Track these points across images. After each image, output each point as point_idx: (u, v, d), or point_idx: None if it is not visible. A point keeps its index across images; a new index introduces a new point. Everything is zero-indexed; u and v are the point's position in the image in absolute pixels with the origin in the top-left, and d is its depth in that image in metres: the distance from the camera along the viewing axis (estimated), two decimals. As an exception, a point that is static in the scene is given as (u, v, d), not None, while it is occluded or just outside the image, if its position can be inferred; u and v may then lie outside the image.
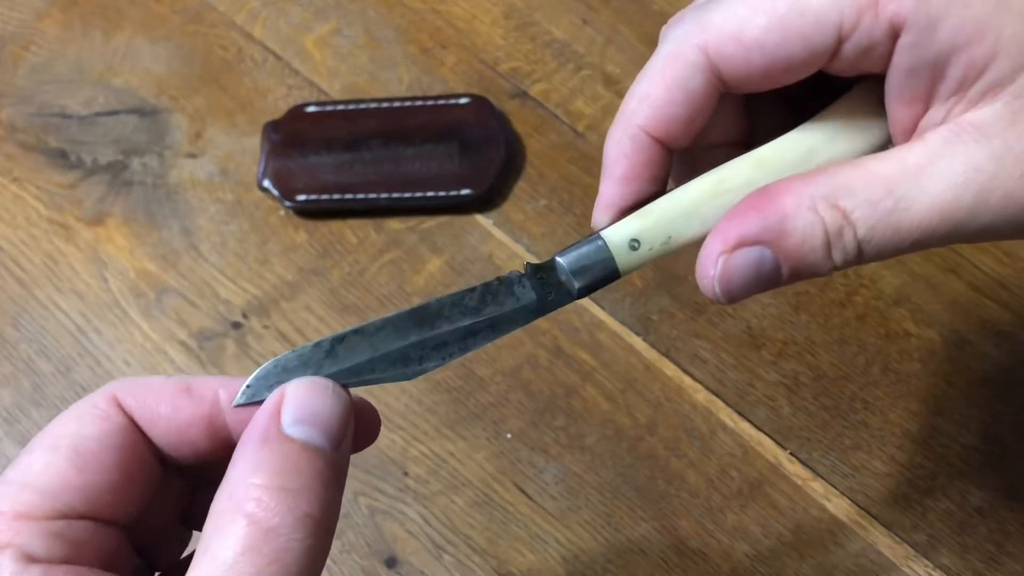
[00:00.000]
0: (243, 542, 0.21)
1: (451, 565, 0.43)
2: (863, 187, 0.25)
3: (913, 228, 0.25)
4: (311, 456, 0.23)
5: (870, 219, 0.25)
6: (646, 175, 0.28)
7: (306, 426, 0.23)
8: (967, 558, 0.42)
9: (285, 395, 0.24)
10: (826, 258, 0.26)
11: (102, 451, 0.24)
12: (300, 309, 0.48)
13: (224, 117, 0.53)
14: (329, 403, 0.24)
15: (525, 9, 0.55)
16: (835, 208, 0.25)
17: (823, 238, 0.25)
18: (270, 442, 0.23)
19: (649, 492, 0.44)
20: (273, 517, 0.22)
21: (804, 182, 0.26)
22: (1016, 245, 0.49)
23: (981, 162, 0.24)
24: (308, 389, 0.24)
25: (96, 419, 0.25)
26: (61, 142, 0.52)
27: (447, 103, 0.51)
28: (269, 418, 0.23)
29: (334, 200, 0.49)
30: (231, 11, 0.56)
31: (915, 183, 0.25)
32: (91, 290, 0.48)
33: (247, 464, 0.23)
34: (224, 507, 0.22)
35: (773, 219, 0.26)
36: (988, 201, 0.24)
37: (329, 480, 0.23)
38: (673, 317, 0.47)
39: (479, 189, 0.49)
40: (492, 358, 0.47)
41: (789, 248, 0.26)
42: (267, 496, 0.22)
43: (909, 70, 0.25)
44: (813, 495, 0.44)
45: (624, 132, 0.28)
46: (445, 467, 0.44)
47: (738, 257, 0.26)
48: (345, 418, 0.24)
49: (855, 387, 0.46)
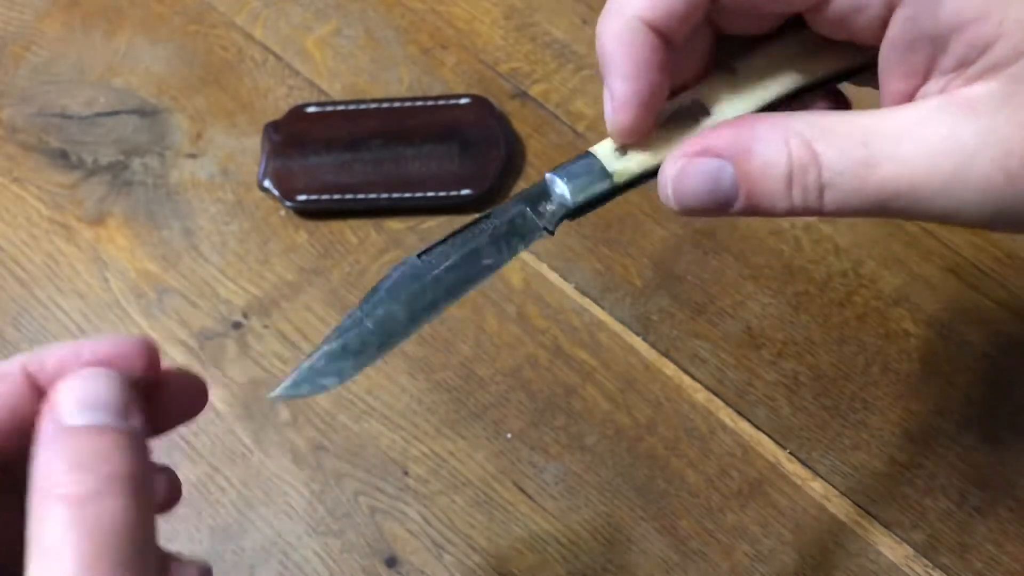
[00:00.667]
0: (63, 520, 0.22)
1: (451, 565, 0.43)
2: (841, 134, 0.25)
3: (879, 186, 0.25)
4: (100, 433, 0.23)
5: (838, 164, 0.25)
6: (655, 66, 0.27)
7: (86, 411, 0.23)
8: (967, 558, 0.42)
9: (57, 391, 0.24)
10: (784, 191, 0.26)
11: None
12: (301, 309, 0.48)
13: (225, 117, 0.53)
14: (101, 384, 0.24)
15: (525, 9, 0.55)
16: (807, 145, 0.25)
17: (786, 169, 0.25)
18: (58, 436, 0.23)
19: (649, 492, 0.44)
20: (82, 487, 0.22)
21: (786, 116, 0.26)
22: (1017, 245, 0.49)
23: (965, 137, 0.24)
24: (75, 380, 0.24)
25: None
26: (62, 142, 0.52)
27: (447, 103, 0.52)
28: (48, 419, 0.23)
29: (334, 200, 0.49)
30: (231, 11, 0.56)
31: (894, 141, 0.25)
32: (92, 290, 0.49)
33: (45, 461, 0.23)
34: (36, 502, 0.22)
35: (743, 138, 0.26)
36: (964, 178, 0.24)
37: (125, 445, 0.23)
38: (673, 317, 0.47)
39: (479, 189, 0.49)
40: (492, 358, 0.47)
41: (750, 169, 0.26)
42: (72, 474, 0.22)
43: (908, 43, 0.25)
44: (813, 495, 0.44)
45: (622, 24, 0.27)
46: (445, 467, 0.44)
47: (699, 163, 0.26)
48: (121, 393, 0.24)
49: (855, 387, 0.46)
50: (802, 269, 0.48)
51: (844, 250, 0.49)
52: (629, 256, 0.49)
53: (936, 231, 0.49)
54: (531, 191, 0.28)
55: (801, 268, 0.48)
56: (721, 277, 0.48)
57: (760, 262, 0.49)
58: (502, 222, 0.28)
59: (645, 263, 0.49)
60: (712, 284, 0.48)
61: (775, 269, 0.48)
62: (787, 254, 0.49)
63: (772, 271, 0.48)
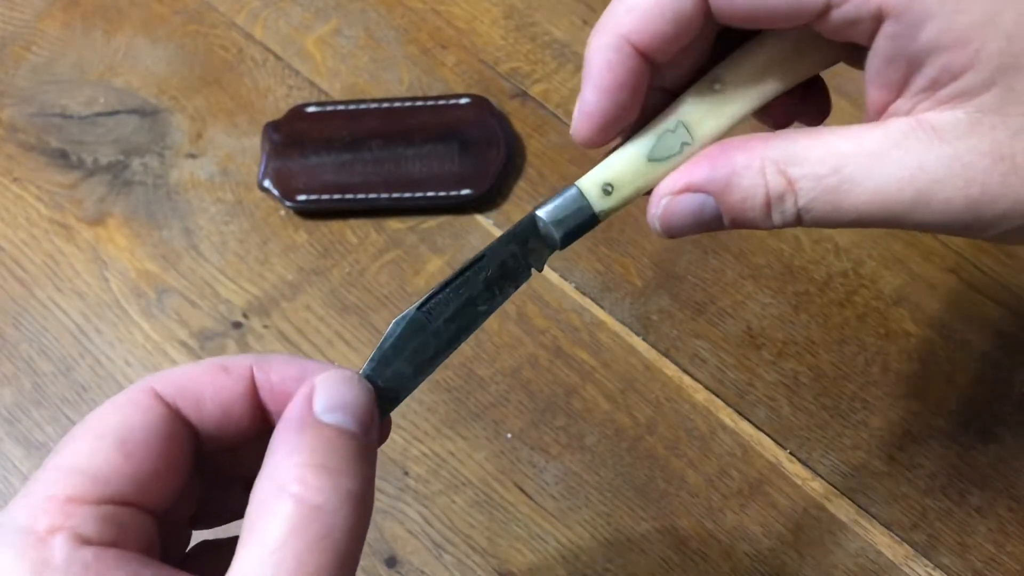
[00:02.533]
0: (291, 521, 0.22)
1: (451, 564, 0.43)
2: (814, 160, 0.26)
3: (851, 208, 0.26)
4: (346, 438, 0.24)
5: (812, 191, 0.26)
6: (629, 87, 0.28)
7: (337, 413, 0.24)
8: (967, 558, 0.42)
9: (315, 386, 0.25)
10: (765, 217, 0.27)
11: (147, 439, 0.25)
12: (300, 309, 0.48)
13: (224, 117, 0.53)
14: (356, 392, 0.25)
15: (525, 9, 0.55)
16: (782, 174, 0.26)
17: (763, 199, 0.27)
18: (307, 428, 0.24)
19: (649, 492, 0.44)
20: (318, 495, 0.22)
21: (762, 142, 0.27)
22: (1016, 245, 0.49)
23: (930, 163, 0.25)
24: (336, 380, 0.25)
25: (138, 409, 0.25)
26: (62, 142, 0.52)
27: (447, 103, 0.52)
28: (303, 407, 0.24)
29: (334, 200, 0.49)
30: (231, 11, 0.56)
31: (864, 167, 0.26)
32: (92, 290, 0.49)
33: (287, 448, 0.23)
34: (268, 489, 0.23)
35: (721, 172, 0.27)
36: (928, 201, 0.25)
37: (364, 460, 0.24)
38: (673, 317, 0.47)
39: (479, 189, 0.49)
40: (492, 358, 0.47)
41: (730, 202, 0.27)
42: (311, 475, 0.23)
43: (887, 58, 0.26)
44: (813, 495, 0.44)
45: (609, 41, 0.28)
46: (445, 467, 0.44)
47: (681, 200, 0.28)
48: (371, 406, 0.25)
49: (855, 387, 0.46)
50: (802, 269, 0.48)
51: (844, 250, 0.49)
52: (629, 256, 0.49)
53: (936, 231, 0.49)
54: (519, 228, 0.30)
55: (801, 268, 0.48)
56: (721, 277, 0.48)
57: (760, 262, 0.49)
58: (495, 267, 0.29)
59: (645, 263, 0.49)
60: (712, 284, 0.48)
61: (775, 269, 0.48)
62: (787, 254, 0.49)
63: (772, 271, 0.48)
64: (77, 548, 0.22)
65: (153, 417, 0.25)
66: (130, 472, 0.24)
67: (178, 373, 0.26)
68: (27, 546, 0.22)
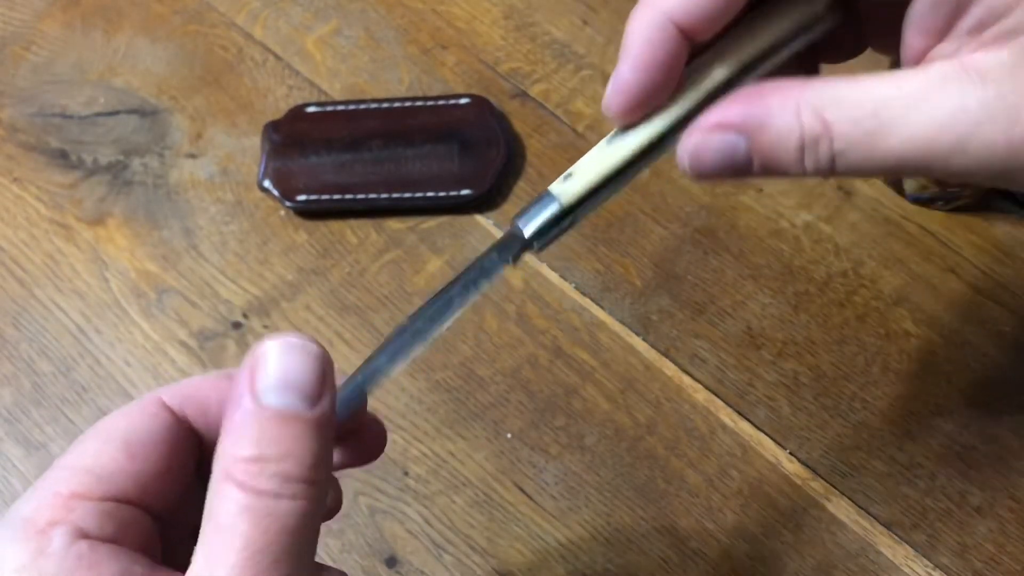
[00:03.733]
0: (238, 504, 0.23)
1: (451, 565, 0.43)
2: (852, 103, 0.26)
3: (888, 153, 0.25)
4: (288, 422, 0.23)
5: (849, 135, 0.26)
6: (667, 66, 0.28)
7: (280, 392, 0.24)
8: (967, 558, 0.42)
9: (256, 360, 0.24)
10: (797, 161, 0.26)
11: (152, 443, 0.26)
12: (300, 309, 0.48)
13: (224, 117, 0.53)
14: (301, 362, 0.24)
15: (525, 9, 0.55)
16: (817, 116, 0.26)
17: (797, 142, 0.26)
18: (247, 414, 0.23)
19: (649, 492, 0.44)
20: (260, 481, 0.23)
21: (798, 86, 0.27)
22: (1017, 245, 0.49)
23: (972, 105, 0.25)
24: (278, 352, 0.24)
25: (145, 416, 0.26)
26: (62, 142, 0.52)
27: (447, 103, 0.52)
28: (244, 389, 0.24)
29: (334, 200, 0.49)
30: (231, 11, 0.56)
31: (903, 110, 0.25)
32: (91, 290, 0.49)
33: (229, 436, 0.24)
34: (217, 477, 0.23)
35: (755, 111, 0.27)
36: (968, 145, 0.25)
37: (310, 440, 0.24)
38: (673, 317, 0.47)
39: (479, 189, 0.49)
40: (492, 358, 0.47)
41: (763, 143, 0.27)
42: (252, 466, 0.23)
43: (933, 3, 0.26)
44: (813, 495, 0.44)
45: (653, 19, 0.28)
46: (445, 467, 0.44)
47: (713, 139, 0.27)
48: (320, 375, 0.24)
49: (855, 387, 0.46)
50: (802, 269, 0.48)
51: (844, 250, 0.49)
52: (629, 256, 0.49)
53: (936, 231, 0.49)
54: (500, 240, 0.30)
55: (801, 268, 0.48)
56: (721, 277, 0.48)
57: (760, 262, 0.49)
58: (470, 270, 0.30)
59: (645, 263, 0.49)
60: (712, 284, 0.48)
61: (775, 269, 0.48)
62: (787, 254, 0.49)
63: (772, 271, 0.48)
64: (74, 540, 0.23)
65: (159, 423, 0.26)
66: (133, 472, 0.25)
67: (186, 383, 0.27)
68: (28, 536, 0.23)
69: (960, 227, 0.49)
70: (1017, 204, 0.50)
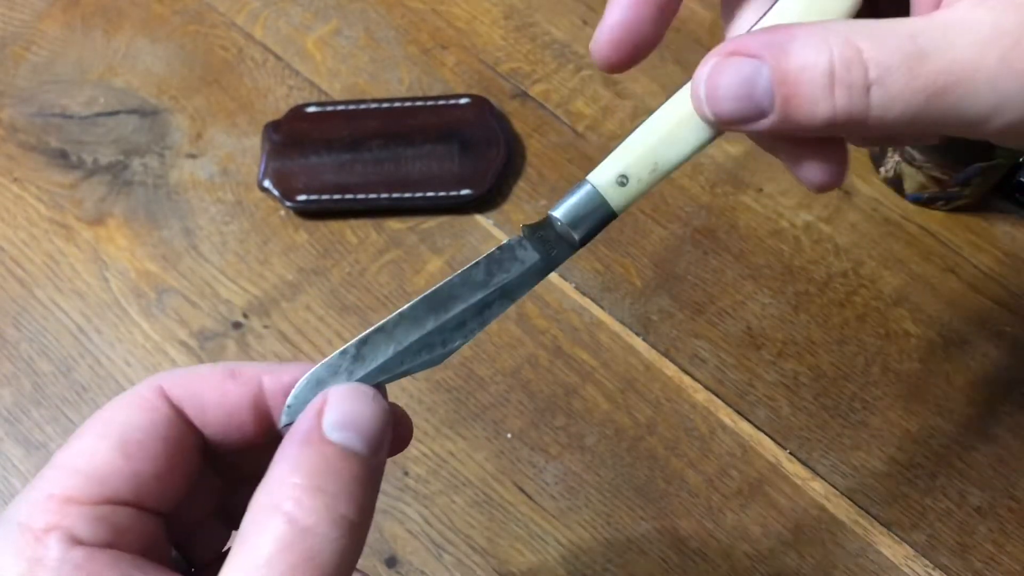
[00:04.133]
0: (280, 539, 0.22)
1: (451, 564, 0.43)
2: (886, 31, 0.24)
3: (931, 78, 0.23)
4: (349, 460, 0.23)
5: (888, 59, 0.23)
6: (653, 2, 0.27)
7: (346, 431, 0.24)
8: (967, 558, 0.42)
9: (327, 400, 0.24)
10: (826, 93, 0.24)
11: (148, 440, 0.25)
12: (300, 309, 0.48)
13: (225, 117, 0.53)
14: (369, 409, 0.25)
15: (525, 10, 0.55)
16: (850, 43, 0.23)
17: (827, 67, 0.23)
18: (311, 444, 0.23)
19: (649, 492, 0.44)
20: (309, 516, 0.22)
21: (824, 22, 0.25)
22: (1017, 245, 0.49)
23: (1007, 26, 0.23)
24: (349, 395, 0.25)
25: (143, 409, 0.25)
26: (62, 142, 0.52)
27: (447, 103, 0.52)
28: (311, 421, 0.24)
29: (334, 200, 0.49)
30: (231, 12, 0.56)
31: (941, 34, 0.24)
32: (92, 290, 0.49)
33: (287, 463, 0.23)
34: (263, 503, 0.23)
35: (780, 38, 0.24)
36: (1011, 65, 0.23)
37: (365, 484, 0.24)
38: (673, 317, 0.47)
39: (479, 189, 0.49)
40: (492, 358, 0.47)
41: (787, 70, 0.24)
42: (305, 496, 0.22)
43: None
44: (813, 495, 0.44)
45: None
46: (445, 467, 0.44)
47: (732, 63, 0.24)
48: (383, 425, 0.25)
49: (855, 387, 0.46)
50: (802, 269, 0.48)
51: (844, 250, 0.49)
52: (629, 256, 0.49)
53: (936, 231, 0.49)
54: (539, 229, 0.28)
55: (801, 268, 0.48)
56: (721, 277, 0.48)
57: (760, 262, 0.49)
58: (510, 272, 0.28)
59: (645, 263, 0.49)
60: (712, 284, 0.48)
61: (775, 269, 0.48)
62: (787, 254, 0.49)
63: (772, 271, 0.48)
64: (70, 548, 0.23)
65: (157, 418, 0.25)
66: (129, 473, 0.24)
67: (187, 374, 0.26)
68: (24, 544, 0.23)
69: (960, 227, 0.49)
70: (1017, 204, 0.50)
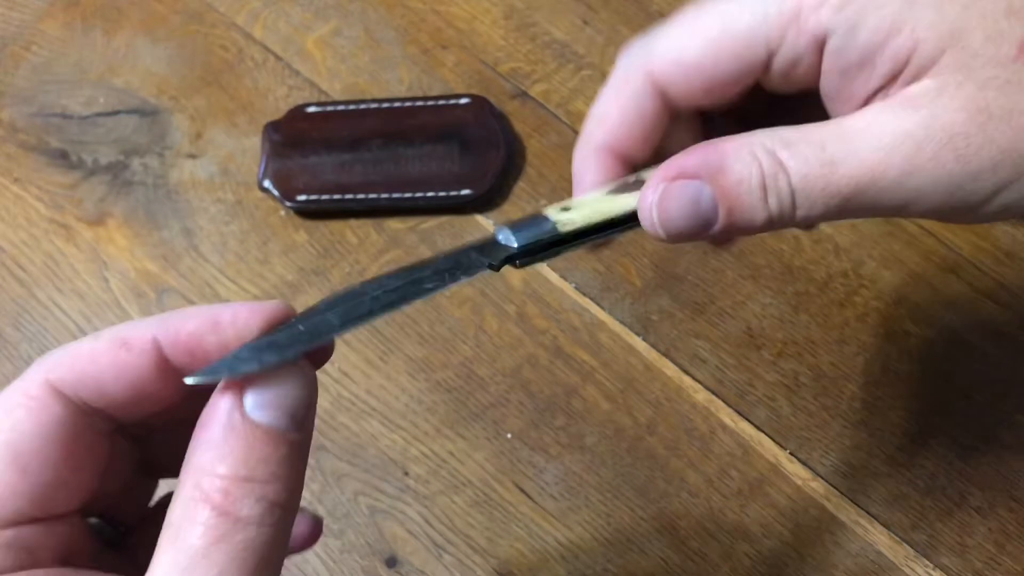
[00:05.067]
0: (213, 532, 0.21)
1: (451, 565, 0.43)
2: (800, 141, 0.27)
3: (843, 183, 0.26)
4: (276, 442, 0.22)
5: (803, 168, 0.26)
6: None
7: (270, 409, 0.22)
8: (967, 558, 0.42)
9: (248, 377, 0.23)
10: (761, 202, 0.27)
11: (45, 446, 0.23)
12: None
13: (225, 117, 0.53)
14: (293, 383, 0.23)
15: (525, 10, 0.55)
16: (772, 155, 0.27)
17: (759, 179, 0.27)
18: (234, 430, 0.22)
19: (649, 492, 0.44)
20: (241, 508, 0.21)
21: (745, 135, 0.27)
22: (1017, 245, 0.49)
23: (911, 128, 0.26)
24: (274, 376, 0.23)
25: (32, 412, 0.23)
26: (62, 142, 0.52)
27: (447, 103, 0.51)
28: (232, 402, 0.22)
29: (334, 200, 0.49)
30: (231, 11, 0.56)
31: (848, 142, 0.26)
32: (92, 290, 0.49)
33: (211, 452, 0.22)
34: (191, 495, 0.22)
35: (713, 157, 0.27)
36: (917, 164, 0.25)
37: (295, 463, 0.23)
38: (673, 317, 0.47)
39: (479, 189, 0.49)
40: (492, 358, 0.47)
41: (726, 185, 0.27)
42: (234, 487, 0.21)
43: (841, 72, 0.27)
44: (813, 495, 0.44)
45: (586, 153, 0.31)
46: (445, 467, 0.44)
47: (677, 186, 0.27)
48: (309, 397, 0.23)
49: (855, 387, 0.46)
50: (802, 269, 0.48)
51: (844, 250, 0.49)
52: (629, 256, 0.49)
53: (936, 231, 0.49)
54: (479, 241, 0.30)
55: (801, 268, 0.48)
56: (721, 277, 0.48)
57: (760, 262, 0.49)
58: (447, 260, 0.29)
59: (645, 263, 0.49)
60: (712, 284, 0.48)
61: (775, 269, 0.48)
62: (787, 254, 0.49)
63: (772, 271, 0.48)
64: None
65: (49, 419, 0.23)
66: (27, 488, 0.22)
67: (75, 356, 0.24)
68: None
69: (960, 227, 0.49)
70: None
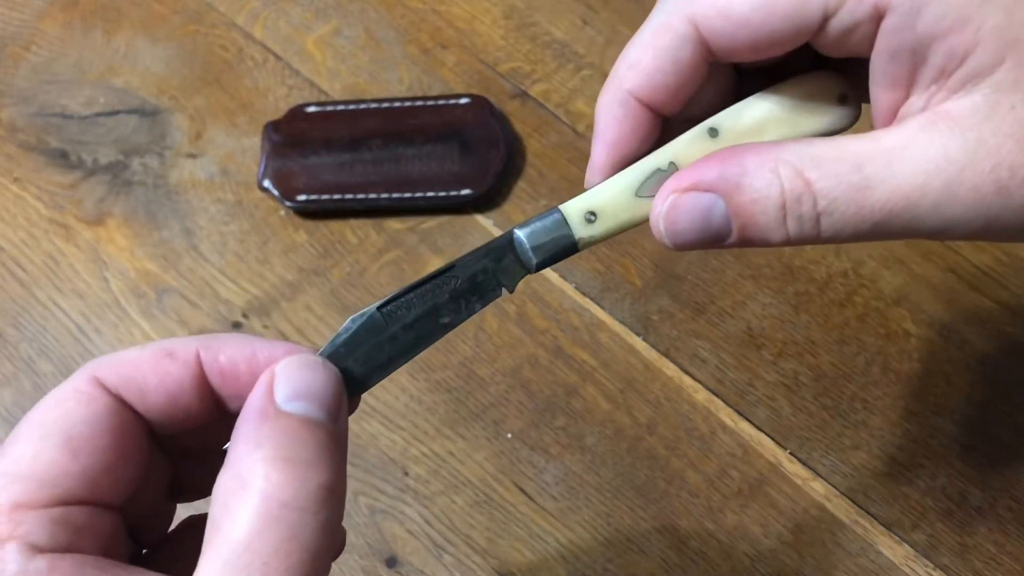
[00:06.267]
0: (257, 519, 0.21)
1: (451, 565, 0.43)
2: (832, 160, 0.25)
3: (876, 208, 0.24)
4: (313, 428, 0.23)
5: (834, 191, 0.25)
6: (635, 139, 0.28)
7: (302, 400, 0.23)
8: (967, 558, 0.42)
9: (275, 373, 0.23)
10: (779, 223, 0.25)
11: (94, 434, 0.24)
12: (300, 309, 0.48)
13: (224, 117, 0.53)
14: (321, 377, 0.24)
15: (525, 9, 0.55)
16: (799, 175, 0.25)
17: (778, 201, 0.25)
18: (268, 419, 0.22)
19: (649, 492, 0.44)
20: (285, 490, 0.21)
21: (774, 146, 0.26)
22: (1017, 246, 0.49)
23: (954, 152, 0.24)
24: (298, 365, 0.24)
25: (82, 403, 0.24)
26: (62, 142, 0.52)
27: (447, 103, 0.52)
28: (263, 397, 0.23)
29: (334, 200, 0.49)
30: (231, 11, 0.56)
31: (886, 163, 0.25)
32: (92, 290, 0.49)
33: (248, 441, 0.22)
34: (230, 486, 0.22)
35: (731, 171, 0.26)
36: (955, 192, 0.24)
37: (334, 451, 0.23)
38: (673, 317, 0.47)
39: (479, 189, 0.49)
40: (492, 358, 0.47)
41: (741, 203, 0.25)
42: (275, 470, 0.21)
43: (891, 54, 0.25)
44: (813, 495, 0.44)
45: (614, 97, 0.28)
46: (445, 467, 0.44)
47: (688, 198, 0.26)
48: (338, 391, 0.24)
49: (855, 387, 0.46)
50: (802, 269, 0.48)
51: (844, 250, 0.49)
52: (629, 256, 0.49)
53: (936, 231, 0.49)
54: (496, 244, 0.28)
55: (801, 268, 0.48)
56: (721, 277, 0.48)
57: (760, 262, 0.49)
58: (464, 279, 0.28)
59: (645, 263, 0.49)
60: (712, 284, 0.48)
61: (775, 269, 0.48)
62: (787, 254, 0.49)
63: (772, 271, 0.48)
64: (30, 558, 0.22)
65: (98, 409, 0.24)
66: (78, 471, 0.23)
67: (121, 360, 0.25)
68: None
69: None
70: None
